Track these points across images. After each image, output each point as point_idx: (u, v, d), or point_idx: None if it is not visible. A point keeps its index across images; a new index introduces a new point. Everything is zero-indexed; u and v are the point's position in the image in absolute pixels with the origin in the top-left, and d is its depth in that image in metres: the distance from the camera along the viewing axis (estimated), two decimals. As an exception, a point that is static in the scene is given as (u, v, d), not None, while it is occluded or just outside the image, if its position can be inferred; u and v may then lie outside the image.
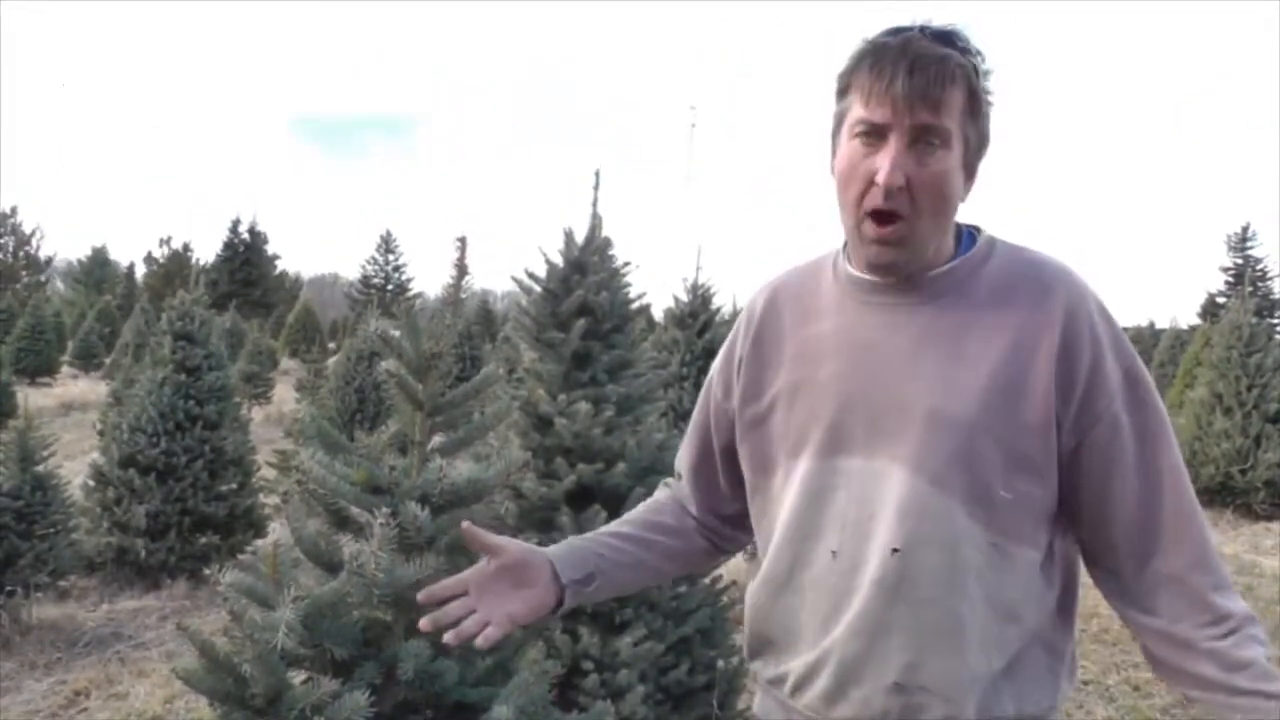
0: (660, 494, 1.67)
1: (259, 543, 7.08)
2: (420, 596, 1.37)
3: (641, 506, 1.66)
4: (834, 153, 1.32)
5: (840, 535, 1.30)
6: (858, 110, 1.25)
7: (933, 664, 1.25)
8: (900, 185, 1.22)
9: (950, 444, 1.24)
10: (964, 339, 1.27)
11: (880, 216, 1.25)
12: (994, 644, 1.27)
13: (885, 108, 1.22)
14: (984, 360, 1.26)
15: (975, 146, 1.27)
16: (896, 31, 1.24)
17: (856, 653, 1.28)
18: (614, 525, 1.58)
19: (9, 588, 5.57)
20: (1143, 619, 1.28)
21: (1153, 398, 1.29)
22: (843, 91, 1.29)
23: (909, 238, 1.25)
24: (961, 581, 1.24)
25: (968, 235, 1.36)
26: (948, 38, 1.24)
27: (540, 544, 3.09)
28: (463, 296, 1.81)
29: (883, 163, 1.22)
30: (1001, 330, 1.27)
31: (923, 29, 1.24)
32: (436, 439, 1.79)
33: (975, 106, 1.25)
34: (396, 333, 1.81)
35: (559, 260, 3.62)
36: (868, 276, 1.34)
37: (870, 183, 1.24)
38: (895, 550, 1.25)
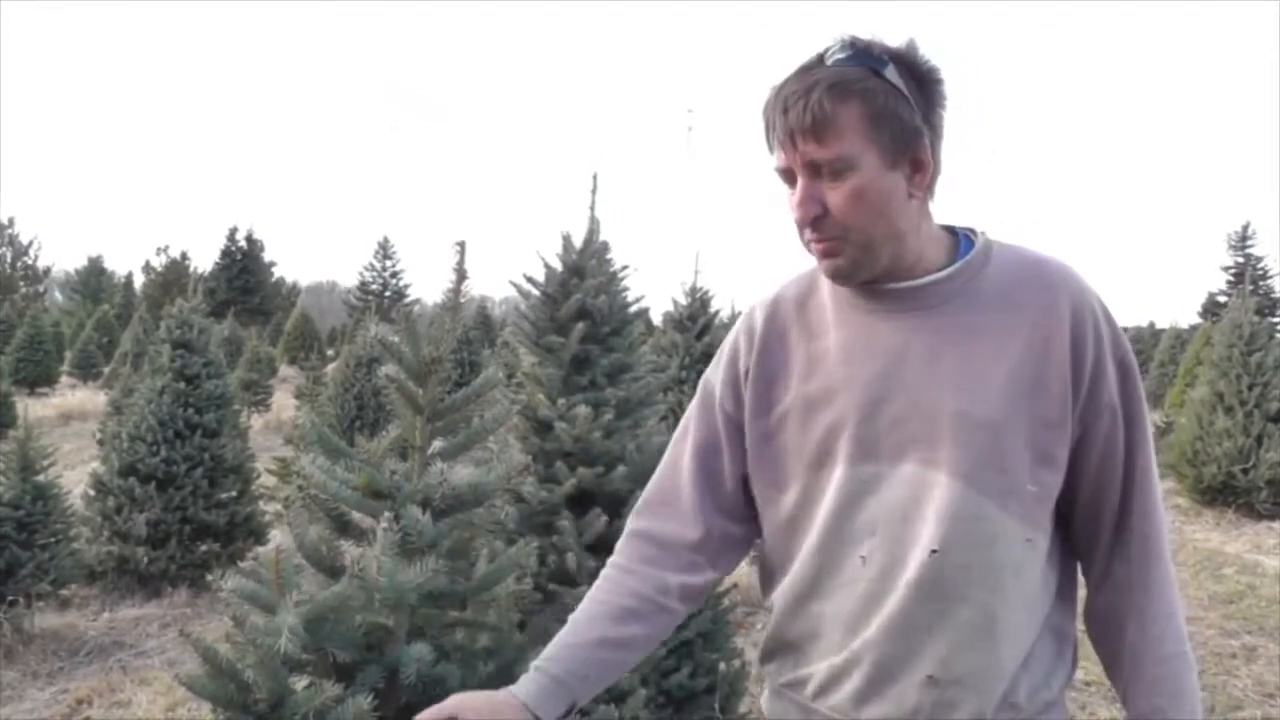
0: (626, 571, 1.46)
1: (260, 550, 7.07)
2: None
3: (618, 593, 1.43)
4: None
5: (871, 541, 1.31)
6: (773, 162, 1.32)
7: (967, 657, 1.27)
8: (816, 215, 1.27)
9: (980, 444, 1.26)
10: (979, 341, 1.30)
11: (815, 240, 1.31)
12: (1020, 636, 1.30)
13: (781, 152, 1.29)
14: (1002, 360, 1.28)
15: (898, 145, 1.25)
16: (796, 73, 1.28)
17: (893, 652, 1.29)
18: (595, 627, 1.40)
19: (10, 597, 5.57)
20: (1091, 592, 1.39)
21: (1140, 389, 1.35)
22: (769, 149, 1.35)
23: (846, 249, 1.29)
24: (999, 578, 1.27)
25: (964, 239, 1.37)
26: (847, 55, 1.25)
27: (541, 549, 3.11)
28: (462, 301, 1.81)
29: (794, 204, 1.29)
30: (1015, 330, 1.29)
31: (823, 54, 1.26)
32: (437, 444, 1.80)
33: (878, 113, 1.24)
34: (396, 338, 1.81)
35: (557, 264, 3.61)
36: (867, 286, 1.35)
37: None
38: (934, 551, 1.26)
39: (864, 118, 1.24)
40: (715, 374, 1.50)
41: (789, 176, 1.30)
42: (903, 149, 1.26)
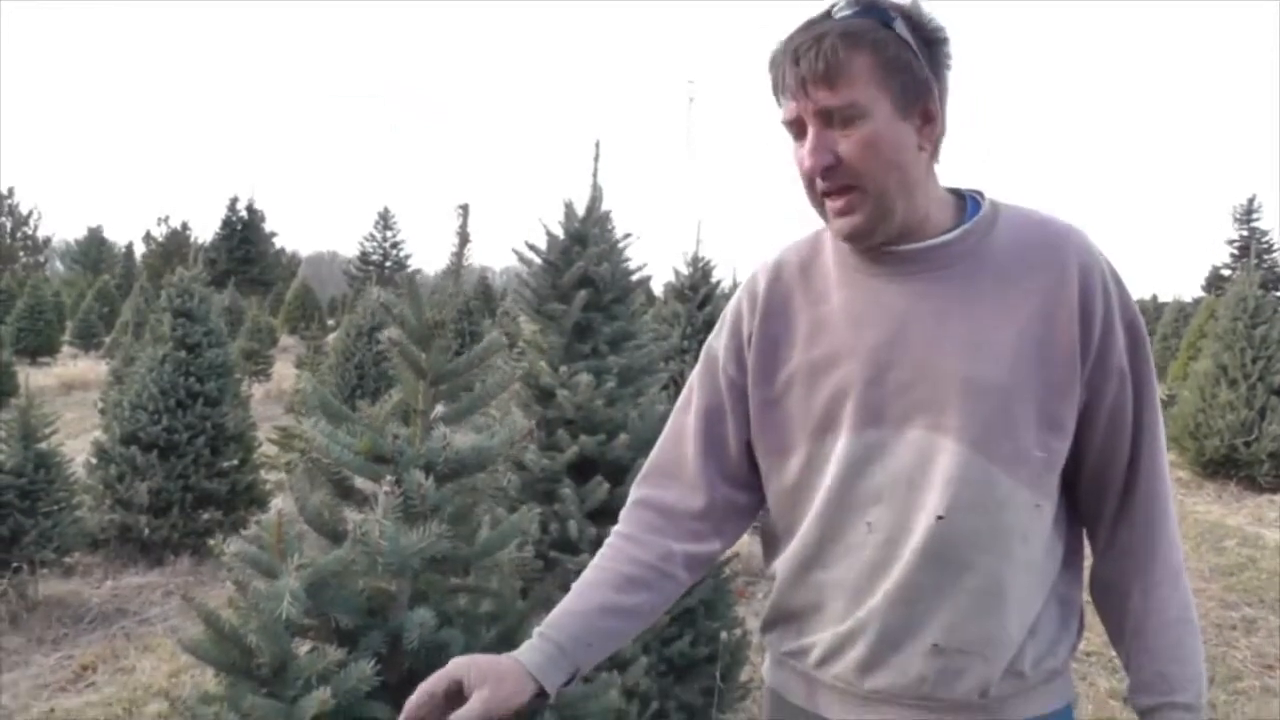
0: (630, 540, 1.44)
1: (262, 516, 7.08)
2: None
3: (622, 560, 1.42)
4: None
5: (877, 508, 1.29)
6: (781, 114, 1.29)
7: (973, 625, 1.26)
8: (828, 165, 1.24)
9: (988, 409, 1.24)
10: (987, 304, 1.27)
11: (830, 195, 1.27)
12: (1027, 604, 1.29)
13: (791, 103, 1.26)
14: (1010, 323, 1.26)
15: (909, 95, 1.25)
16: (804, 26, 1.26)
17: (898, 620, 1.28)
18: (598, 594, 1.39)
19: (15, 564, 5.59)
20: (1097, 558, 1.39)
21: (1149, 353, 1.33)
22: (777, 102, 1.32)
23: (861, 202, 1.26)
24: (1006, 544, 1.26)
25: (971, 201, 1.35)
26: (854, 10, 1.23)
27: (542, 517, 3.11)
28: (464, 265, 1.79)
29: (805, 153, 1.26)
30: (1023, 293, 1.27)
31: (830, 9, 1.25)
32: (439, 408, 1.78)
33: (889, 62, 1.23)
34: (398, 302, 1.80)
35: (559, 232, 3.59)
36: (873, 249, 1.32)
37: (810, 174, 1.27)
38: (940, 518, 1.25)
39: (875, 66, 1.22)
40: (718, 340, 1.48)
41: (798, 128, 1.27)
42: (913, 99, 1.25)
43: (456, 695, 1.25)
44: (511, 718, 1.27)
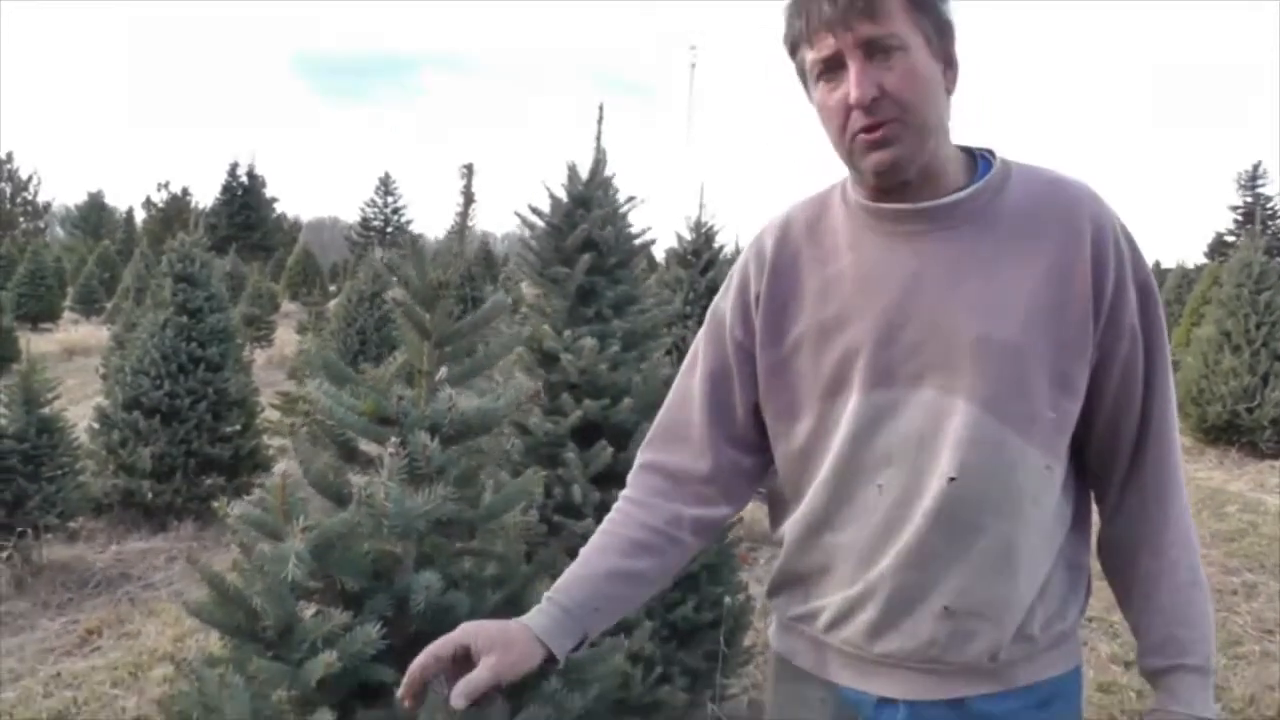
0: (637, 504, 1.43)
1: (266, 480, 7.09)
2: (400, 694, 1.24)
3: (628, 525, 1.41)
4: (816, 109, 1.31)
5: (888, 469, 1.28)
6: (809, 55, 1.25)
7: (984, 588, 1.25)
8: (875, 96, 1.21)
9: (1000, 369, 1.23)
10: (999, 263, 1.26)
11: (868, 129, 1.23)
12: (1037, 566, 1.28)
13: (827, 38, 1.22)
14: (1023, 283, 1.24)
15: (937, 34, 1.25)
16: None
17: (908, 583, 1.27)
18: (605, 559, 1.38)
19: (19, 529, 5.60)
20: (1105, 521, 1.38)
21: (1161, 313, 1.32)
22: (792, 51, 1.30)
23: (903, 134, 1.23)
24: (1017, 506, 1.25)
25: (983, 160, 1.33)
26: None
27: (546, 481, 3.11)
28: (470, 225, 1.76)
29: (849, 85, 1.22)
30: (1036, 252, 1.25)
31: None
32: (443, 370, 1.76)
33: (918, 1, 1.23)
34: (402, 262, 1.77)
35: (563, 195, 3.56)
36: (886, 205, 1.29)
37: (848, 110, 1.23)
38: (952, 479, 1.23)
39: (908, 4, 1.22)
40: (724, 301, 1.45)
41: (832, 65, 1.23)
42: (939, 40, 1.25)
43: (465, 660, 1.24)
44: (519, 682, 1.27)
